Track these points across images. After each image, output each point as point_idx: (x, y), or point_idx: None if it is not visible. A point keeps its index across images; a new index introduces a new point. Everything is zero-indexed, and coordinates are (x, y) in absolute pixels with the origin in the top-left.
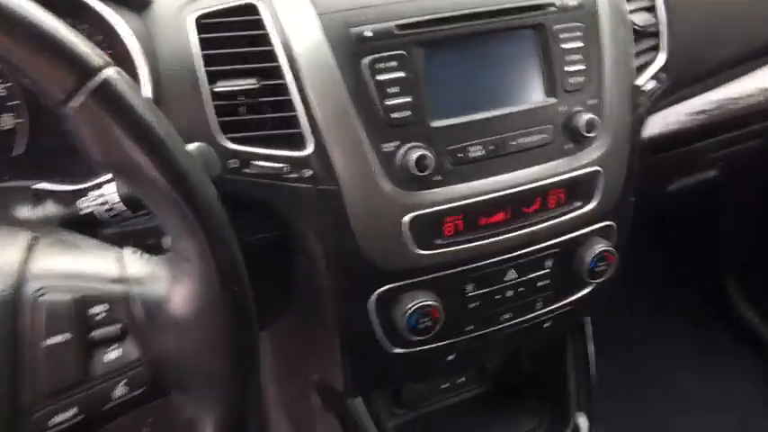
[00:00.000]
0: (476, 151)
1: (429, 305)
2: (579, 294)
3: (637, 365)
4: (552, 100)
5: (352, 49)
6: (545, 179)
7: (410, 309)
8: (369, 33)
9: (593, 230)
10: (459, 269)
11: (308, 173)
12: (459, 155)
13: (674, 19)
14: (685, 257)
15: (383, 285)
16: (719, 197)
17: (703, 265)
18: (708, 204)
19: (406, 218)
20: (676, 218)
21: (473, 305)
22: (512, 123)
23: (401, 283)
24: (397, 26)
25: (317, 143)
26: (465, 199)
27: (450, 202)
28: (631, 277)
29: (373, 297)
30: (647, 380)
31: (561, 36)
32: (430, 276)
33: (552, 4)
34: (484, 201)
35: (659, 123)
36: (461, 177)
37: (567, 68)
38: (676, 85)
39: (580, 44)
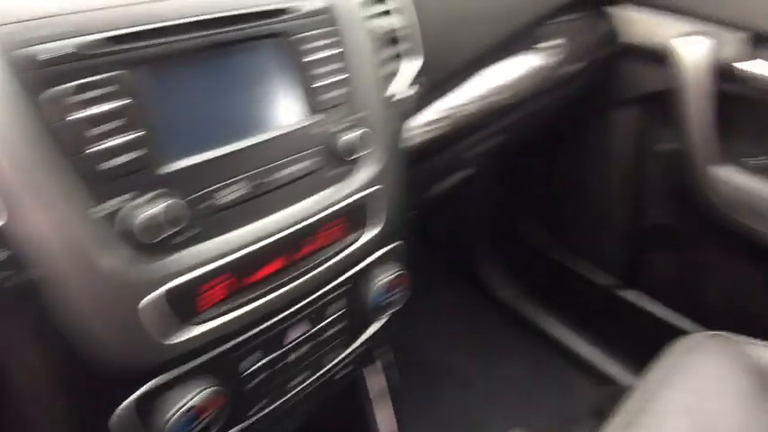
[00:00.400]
0: (231, 193)
1: (198, 403)
2: (377, 327)
3: (420, 358)
4: (312, 119)
5: (41, 74)
6: (321, 212)
7: (173, 415)
8: (65, 51)
9: (381, 256)
10: (233, 343)
11: None
12: (209, 202)
13: (423, 21)
14: (443, 245)
15: (129, 395)
16: (466, 188)
17: (461, 252)
18: (456, 194)
19: (148, 300)
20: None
21: (257, 380)
22: (271, 153)
23: (155, 384)
24: (105, 40)
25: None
26: (226, 256)
27: (206, 265)
28: None
29: (118, 413)
30: (433, 371)
31: (307, 46)
32: (197, 363)
33: (286, 10)
34: (251, 253)
35: (419, 130)
36: (217, 229)
37: (321, 82)
38: (432, 89)
39: (330, 53)
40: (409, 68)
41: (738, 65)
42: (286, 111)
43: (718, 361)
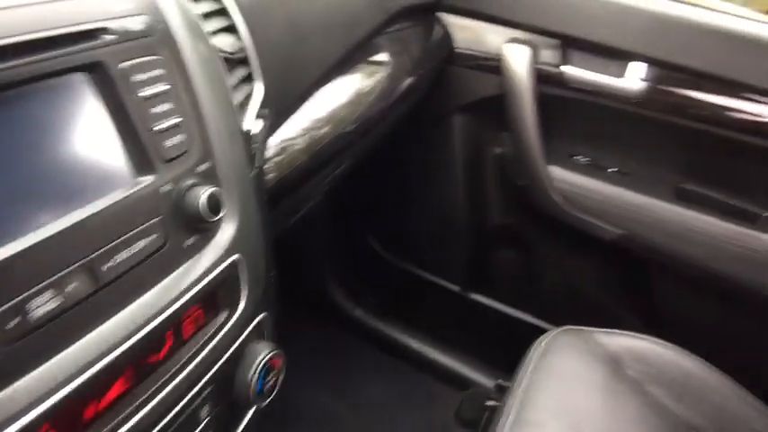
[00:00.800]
0: (43, 305)
1: None
2: (251, 416)
3: (287, 401)
4: (148, 178)
5: None
6: (173, 303)
7: None
8: None
9: (246, 336)
10: None
11: None
12: (9, 324)
13: (258, 41)
14: (291, 275)
15: None
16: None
17: (311, 280)
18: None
19: None
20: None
21: None
22: (95, 234)
23: None
24: None
25: None
26: (43, 400)
27: (13, 422)
28: None
29: None
30: (301, 413)
31: (134, 78)
32: None
33: (100, 33)
34: (81, 384)
35: (272, 169)
36: (29, 360)
37: (156, 126)
38: (277, 119)
39: (165, 87)
40: (253, 99)
41: (555, 69)
42: (114, 168)
43: (574, 356)
